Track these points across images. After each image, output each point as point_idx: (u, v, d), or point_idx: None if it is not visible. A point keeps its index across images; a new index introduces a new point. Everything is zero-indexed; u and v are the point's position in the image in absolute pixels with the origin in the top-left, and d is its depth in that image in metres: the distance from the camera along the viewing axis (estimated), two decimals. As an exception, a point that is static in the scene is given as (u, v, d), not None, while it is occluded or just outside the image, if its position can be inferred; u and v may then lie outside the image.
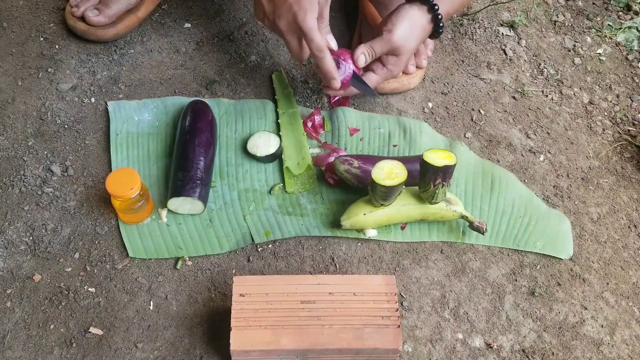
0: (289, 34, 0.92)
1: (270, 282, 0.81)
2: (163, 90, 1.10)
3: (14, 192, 0.95)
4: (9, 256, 0.89)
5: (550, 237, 0.96)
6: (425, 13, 0.95)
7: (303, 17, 0.87)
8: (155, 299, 0.87)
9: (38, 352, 0.81)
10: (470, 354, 0.85)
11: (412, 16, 0.95)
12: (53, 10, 1.19)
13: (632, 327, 0.89)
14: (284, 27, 0.91)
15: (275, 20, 0.91)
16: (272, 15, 0.91)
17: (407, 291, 0.90)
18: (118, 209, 0.89)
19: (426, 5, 0.95)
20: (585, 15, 1.31)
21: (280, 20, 0.90)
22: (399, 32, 0.94)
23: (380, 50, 0.96)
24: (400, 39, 0.95)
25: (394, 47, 0.95)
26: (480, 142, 1.07)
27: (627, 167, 1.07)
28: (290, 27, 0.90)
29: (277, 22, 0.91)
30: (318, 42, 0.89)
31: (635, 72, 1.22)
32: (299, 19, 0.88)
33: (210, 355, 0.82)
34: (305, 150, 1.01)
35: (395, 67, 0.99)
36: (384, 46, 0.96)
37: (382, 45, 0.96)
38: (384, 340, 0.76)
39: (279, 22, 0.91)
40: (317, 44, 0.89)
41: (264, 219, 0.95)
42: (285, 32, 0.92)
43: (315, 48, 0.90)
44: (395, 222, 0.94)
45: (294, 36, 0.92)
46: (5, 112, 1.04)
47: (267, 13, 0.92)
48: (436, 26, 0.97)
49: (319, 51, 0.90)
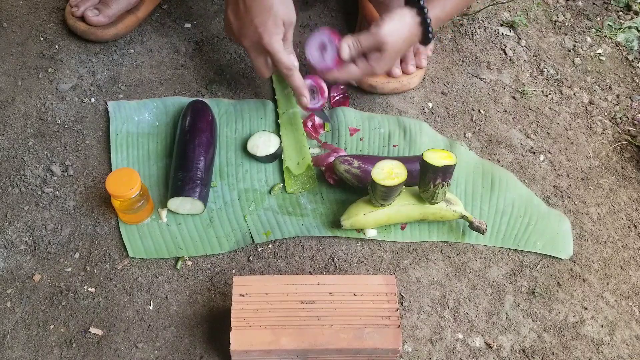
0: (254, 53, 0.96)
1: (270, 282, 0.81)
2: (163, 90, 1.10)
3: (14, 192, 0.95)
4: (9, 256, 0.89)
5: (550, 237, 0.96)
6: (414, 15, 0.95)
7: (269, 39, 0.92)
8: (155, 299, 0.87)
9: (38, 352, 0.81)
10: (470, 354, 0.85)
11: (402, 16, 0.95)
12: (53, 10, 1.19)
13: (632, 327, 0.89)
14: (249, 47, 0.95)
15: (241, 39, 0.95)
16: (239, 33, 0.94)
17: (407, 291, 0.90)
18: (118, 209, 0.89)
19: (415, 8, 0.95)
20: (585, 15, 1.31)
21: (245, 41, 0.94)
22: (386, 28, 0.94)
23: (366, 44, 0.95)
24: (386, 34, 0.94)
25: (378, 41, 0.94)
26: (480, 142, 1.07)
27: (627, 167, 1.07)
28: (256, 47, 0.94)
29: (242, 41, 0.95)
30: (285, 62, 0.94)
31: (635, 72, 1.22)
32: (265, 41, 0.92)
33: (210, 355, 0.82)
34: (305, 150, 1.01)
35: (377, 64, 0.97)
36: (369, 39, 0.95)
37: (368, 38, 0.95)
38: (384, 340, 0.76)
39: (244, 42, 0.95)
40: (285, 63, 0.94)
41: (264, 219, 0.95)
42: (250, 50, 0.96)
43: (284, 67, 0.94)
44: (395, 222, 0.94)
45: (259, 55, 0.96)
46: (5, 112, 1.04)
47: (235, 29, 0.95)
48: (425, 30, 0.97)
49: (287, 69, 0.95)
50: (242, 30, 0.94)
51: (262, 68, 0.98)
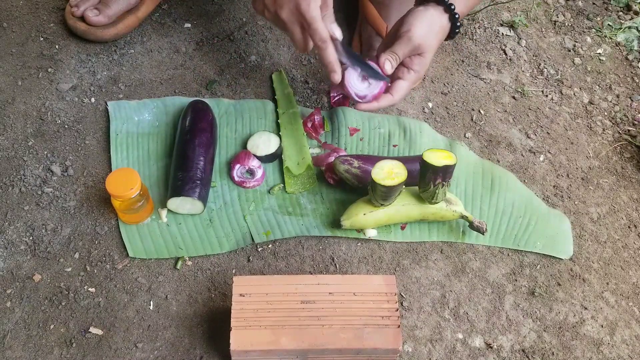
0: (291, 24, 0.89)
1: (270, 282, 0.81)
2: (163, 90, 1.10)
3: (14, 192, 0.95)
4: (9, 256, 0.89)
5: (550, 237, 0.96)
6: (441, 13, 0.94)
7: (306, 5, 0.85)
8: (155, 299, 0.87)
9: (38, 352, 0.81)
10: (470, 354, 0.85)
11: (430, 16, 0.93)
12: (53, 10, 1.19)
13: (632, 327, 0.89)
14: (287, 17, 0.88)
15: (277, 11, 0.88)
16: (273, 6, 0.88)
17: (407, 291, 0.90)
18: (118, 209, 0.89)
19: (442, 5, 0.93)
20: (585, 15, 1.31)
21: (282, 10, 0.87)
22: (418, 31, 0.92)
23: (403, 53, 0.93)
24: (420, 37, 0.92)
25: (415, 45, 0.92)
26: (480, 142, 1.07)
27: (627, 167, 1.07)
28: (293, 16, 0.87)
29: (278, 12, 0.88)
30: (321, 32, 0.87)
31: (635, 72, 1.22)
32: (302, 8, 0.85)
33: (210, 355, 0.82)
34: (305, 150, 1.01)
35: (422, 68, 0.95)
36: (406, 47, 0.93)
37: (404, 46, 0.93)
38: (384, 340, 0.76)
39: (280, 12, 0.88)
40: (320, 34, 0.87)
41: (264, 219, 0.95)
42: (288, 22, 0.88)
43: (318, 38, 0.87)
44: (395, 222, 0.94)
45: (297, 26, 0.89)
46: (5, 112, 1.04)
47: (267, 4, 0.89)
48: (453, 26, 0.95)
49: (321, 42, 0.88)
50: (277, 1, 0.87)
51: (301, 41, 0.90)
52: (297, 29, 0.89)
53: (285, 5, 0.87)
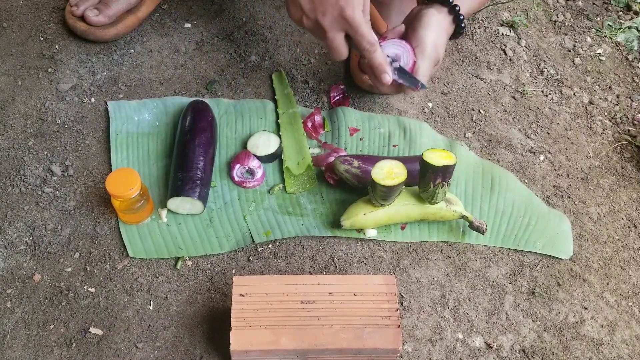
0: (333, 31, 0.87)
1: (270, 282, 0.81)
2: (163, 90, 1.10)
3: (14, 192, 0.95)
4: (9, 256, 0.89)
5: (550, 237, 0.96)
6: (446, 15, 0.94)
7: (352, 11, 0.84)
8: (155, 299, 0.87)
9: (38, 352, 0.81)
10: (470, 354, 0.85)
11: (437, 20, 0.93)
12: (53, 10, 1.19)
13: (632, 327, 0.89)
14: (329, 24, 0.86)
15: (318, 18, 0.86)
16: (314, 13, 0.86)
17: (407, 291, 0.90)
18: (118, 209, 0.89)
19: (446, 6, 0.93)
20: (585, 15, 1.31)
21: (324, 17, 0.86)
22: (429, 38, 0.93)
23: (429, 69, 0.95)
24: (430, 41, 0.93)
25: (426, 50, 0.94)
26: (480, 142, 1.07)
27: (627, 167, 1.07)
28: (336, 22, 0.86)
29: (320, 19, 0.86)
30: (369, 36, 0.87)
31: (635, 72, 1.22)
32: (348, 14, 0.84)
33: (210, 355, 0.82)
34: (305, 150, 1.01)
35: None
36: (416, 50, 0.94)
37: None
38: (384, 340, 0.76)
39: (322, 19, 0.86)
40: (369, 37, 0.87)
41: (264, 219, 0.95)
42: (330, 29, 0.87)
43: (367, 42, 0.87)
44: (395, 222, 0.94)
45: (338, 33, 0.88)
46: (5, 112, 1.04)
47: (307, 11, 0.87)
48: (457, 26, 0.95)
49: (370, 45, 0.88)
50: (318, 8, 0.85)
51: (341, 47, 0.89)
52: (339, 35, 0.88)
53: (329, 12, 0.85)
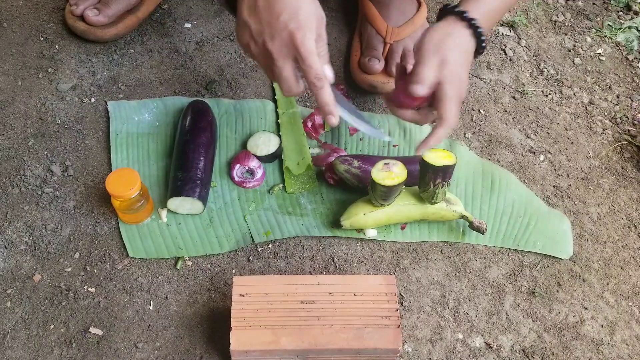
0: (281, 59, 0.76)
1: (270, 282, 0.81)
2: (163, 90, 1.10)
3: (14, 192, 0.95)
4: (9, 256, 0.89)
5: (550, 237, 0.96)
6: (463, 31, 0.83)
7: (302, 37, 0.73)
8: (155, 299, 0.87)
9: (38, 352, 0.81)
10: (470, 354, 0.85)
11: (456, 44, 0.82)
12: (53, 10, 1.19)
13: (632, 327, 0.89)
14: (276, 50, 0.75)
15: (266, 43, 0.75)
16: (261, 37, 0.75)
17: (407, 291, 0.90)
18: (118, 209, 0.89)
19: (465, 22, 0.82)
20: (585, 15, 1.31)
21: (272, 42, 0.75)
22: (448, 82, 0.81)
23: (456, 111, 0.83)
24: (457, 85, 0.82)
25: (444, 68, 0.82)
26: (480, 142, 1.07)
27: (627, 167, 1.07)
28: (284, 48, 0.75)
29: (267, 44, 0.75)
30: (317, 69, 0.75)
31: (635, 72, 1.22)
32: (297, 39, 0.73)
33: (210, 355, 0.82)
34: (305, 150, 1.01)
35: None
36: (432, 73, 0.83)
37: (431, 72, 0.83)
38: (384, 340, 0.76)
39: (270, 44, 0.75)
40: (316, 70, 0.75)
41: (264, 219, 0.95)
42: (278, 56, 0.75)
43: (314, 75, 0.75)
44: (395, 222, 0.94)
45: (287, 62, 0.76)
46: (5, 112, 1.04)
47: (255, 35, 0.76)
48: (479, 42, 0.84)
49: (317, 79, 0.75)
50: (266, 31, 0.75)
51: (290, 79, 0.78)
52: (288, 65, 0.77)
53: (277, 36, 0.74)
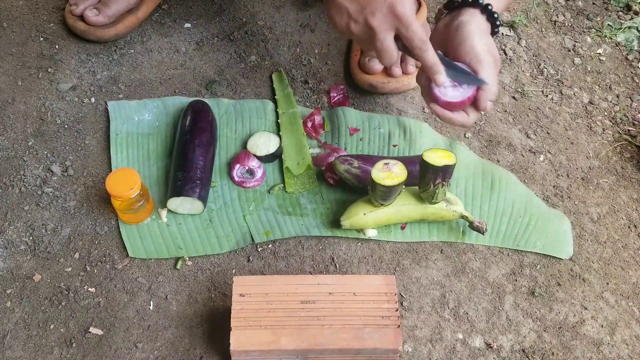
0: (383, 32, 0.81)
1: (270, 282, 0.81)
2: (163, 90, 1.10)
3: (14, 192, 0.95)
4: (9, 256, 0.89)
5: (550, 237, 0.96)
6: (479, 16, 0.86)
7: (402, 7, 0.79)
8: (155, 299, 0.87)
9: (38, 352, 0.81)
10: (470, 354, 0.85)
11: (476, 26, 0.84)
12: (53, 10, 1.19)
13: (632, 327, 0.89)
14: (378, 24, 0.81)
15: (367, 18, 0.81)
16: (362, 14, 0.81)
17: (407, 291, 0.90)
18: (118, 209, 0.89)
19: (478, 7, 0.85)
20: (585, 15, 1.31)
21: (374, 17, 0.80)
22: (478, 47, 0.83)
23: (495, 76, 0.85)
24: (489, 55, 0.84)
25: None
26: (480, 142, 1.07)
27: (627, 167, 1.07)
28: (386, 21, 0.80)
29: (369, 19, 0.81)
30: (421, 34, 0.81)
31: (635, 72, 1.22)
32: (399, 10, 0.79)
33: (210, 355, 0.82)
34: (305, 150, 1.01)
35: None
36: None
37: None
38: (384, 340, 0.76)
39: (372, 19, 0.81)
40: (420, 34, 0.80)
41: (264, 219, 0.95)
42: (380, 29, 0.81)
43: (419, 39, 0.81)
44: (395, 222, 0.94)
45: (390, 33, 0.82)
46: (5, 112, 1.04)
47: (354, 14, 0.82)
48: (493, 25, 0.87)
49: (422, 42, 0.81)
50: (367, 8, 0.80)
51: (392, 49, 0.83)
52: (390, 36, 0.82)
53: (378, 10, 0.80)
